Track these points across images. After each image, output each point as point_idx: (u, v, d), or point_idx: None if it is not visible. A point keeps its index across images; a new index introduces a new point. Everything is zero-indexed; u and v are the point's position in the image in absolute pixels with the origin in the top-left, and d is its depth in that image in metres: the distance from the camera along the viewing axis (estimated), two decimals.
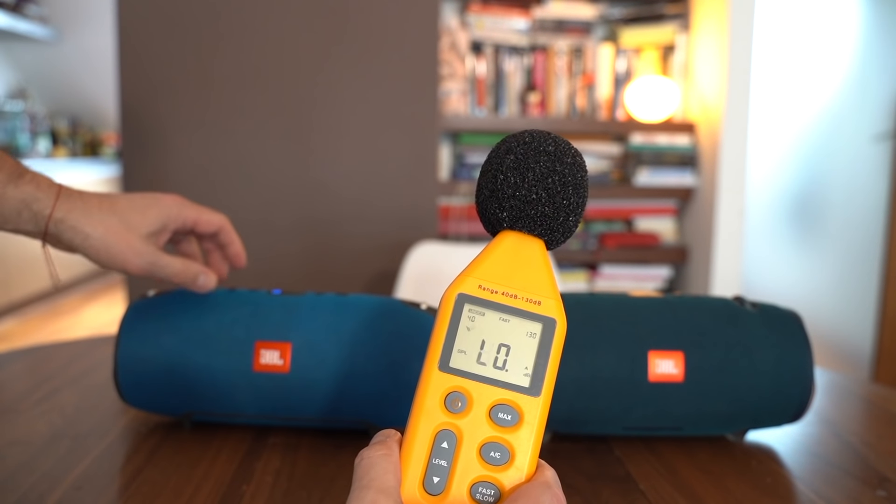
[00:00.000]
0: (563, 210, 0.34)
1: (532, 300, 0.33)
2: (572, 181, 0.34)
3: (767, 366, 0.57)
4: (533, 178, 0.34)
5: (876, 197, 2.31)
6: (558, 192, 0.34)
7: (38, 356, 0.82)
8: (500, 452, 0.31)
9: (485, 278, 0.33)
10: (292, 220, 1.81)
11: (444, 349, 0.32)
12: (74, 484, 0.51)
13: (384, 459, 0.30)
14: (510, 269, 0.34)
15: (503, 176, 0.34)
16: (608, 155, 2.31)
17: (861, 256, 2.38)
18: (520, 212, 0.34)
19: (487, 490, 0.31)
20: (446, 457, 0.31)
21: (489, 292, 0.33)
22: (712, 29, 2.19)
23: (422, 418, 0.32)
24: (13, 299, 3.36)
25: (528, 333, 0.33)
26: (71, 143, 4.27)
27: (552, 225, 0.34)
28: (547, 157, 0.34)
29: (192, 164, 1.76)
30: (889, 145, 2.26)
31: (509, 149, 0.35)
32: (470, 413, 0.32)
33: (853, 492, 0.52)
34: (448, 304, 0.33)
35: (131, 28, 1.71)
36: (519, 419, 0.32)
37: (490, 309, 0.33)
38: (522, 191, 0.34)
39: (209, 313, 0.58)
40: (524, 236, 0.35)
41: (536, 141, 0.35)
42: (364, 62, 1.78)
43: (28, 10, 4.05)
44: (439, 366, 0.32)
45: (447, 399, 0.32)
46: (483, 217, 0.36)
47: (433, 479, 0.31)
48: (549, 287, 0.34)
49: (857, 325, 2.40)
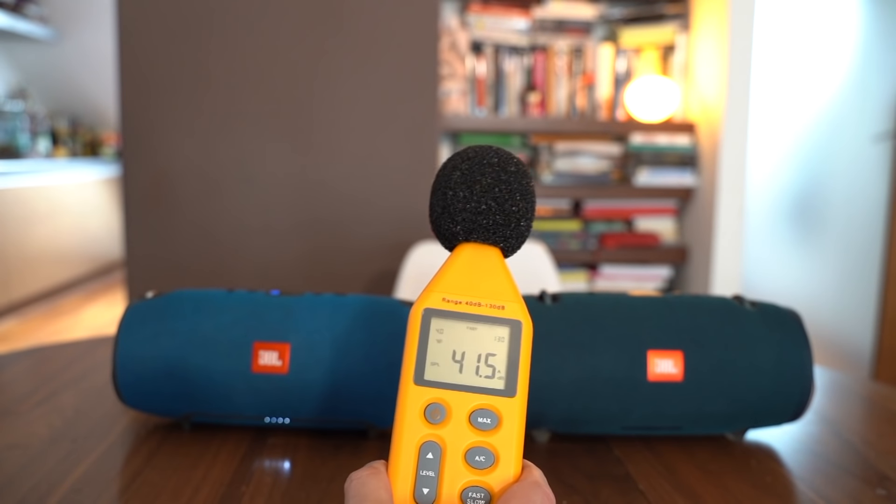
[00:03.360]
0: (513, 216, 0.36)
1: (496, 306, 0.34)
2: (518, 188, 0.36)
3: (767, 365, 0.57)
4: (480, 189, 0.35)
5: (876, 197, 2.31)
6: (506, 200, 0.35)
7: (38, 358, 0.82)
8: (485, 456, 0.32)
9: (447, 291, 0.34)
10: (292, 220, 1.81)
11: (418, 363, 0.33)
12: (74, 486, 0.51)
13: (374, 477, 0.31)
14: (471, 279, 0.35)
15: (452, 192, 0.35)
16: (608, 155, 2.31)
17: (861, 256, 2.38)
18: (472, 223, 0.35)
19: (477, 494, 0.32)
20: (433, 467, 0.32)
21: (453, 303, 0.34)
22: (712, 29, 2.19)
23: (404, 433, 0.32)
24: (13, 299, 3.36)
25: (497, 338, 0.34)
26: (71, 143, 4.27)
27: (505, 232, 0.36)
28: (491, 169, 0.36)
29: (192, 164, 1.76)
30: (889, 145, 2.26)
31: (455, 166, 0.36)
32: (450, 422, 0.33)
33: (853, 490, 0.52)
34: (415, 320, 0.34)
35: (131, 28, 1.71)
36: (499, 421, 0.33)
37: (456, 319, 0.34)
38: (472, 203, 0.35)
39: (208, 314, 0.58)
40: (480, 246, 0.36)
41: (480, 155, 0.36)
42: (364, 62, 1.78)
43: (28, 10, 4.05)
44: (415, 380, 0.33)
45: (426, 411, 0.33)
46: (439, 234, 0.37)
47: (423, 490, 0.32)
48: (511, 291, 0.35)
49: (857, 325, 2.40)
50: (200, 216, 1.75)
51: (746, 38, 2.11)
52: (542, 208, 2.35)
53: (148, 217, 1.76)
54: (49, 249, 3.65)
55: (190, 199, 1.75)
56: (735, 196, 2.17)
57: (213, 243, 1.77)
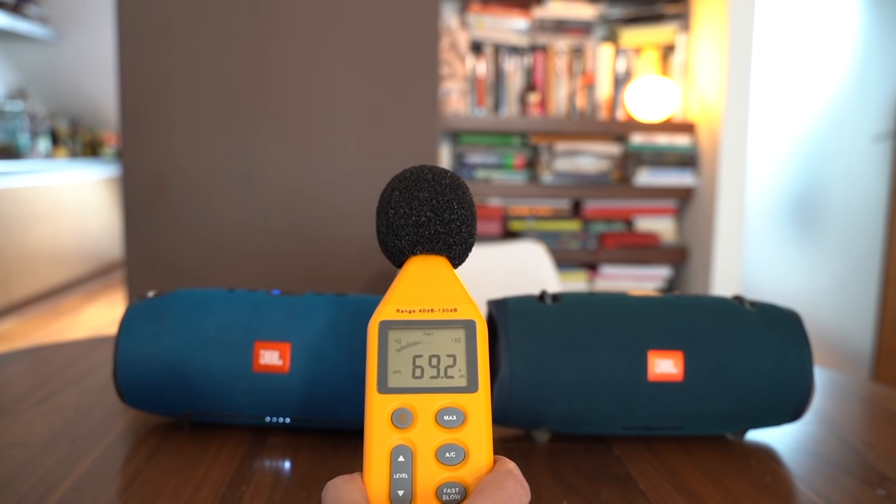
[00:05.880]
0: (452, 224, 0.38)
1: (448, 310, 0.36)
2: (455, 197, 0.38)
3: (767, 365, 0.57)
4: (419, 204, 0.37)
5: (876, 197, 2.31)
6: (444, 210, 0.38)
7: (38, 357, 0.82)
8: (455, 452, 0.33)
9: (400, 303, 0.36)
10: (292, 220, 1.81)
11: (380, 373, 0.34)
12: (74, 485, 0.51)
13: (349, 483, 0.32)
14: (421, 288, 0.36)
15: (393, 210, 0.38)
16: (608, 155, 2.31)
17: (861, 256, 2.38)
18: (415, 236, 0.38)
19: (452, 489, 0.33)
20: (406, 469, 0.33)
21: (407, 313, 0.36)
22: (712, 29, 2.19)
23: (374, 441, 0.33)
24: (13, 299, 3.36)
25: (454, 339, 0.35)
26: (71, 143, 4.27)
27: (447, 240, 0.38)
28: (427, 184, 0.38)
29: (192, 164, 1.76)
30: (889, 145, 2.26)
31: (394, 187, 0.39)
32: (418, 424, 0.33)
33: (853, 491, 0.52)
34: (373, 333, 0.35)
35: (131, 28, 1.71)
36: (465, 417, 0.34)
37: (412, 328, 0.35)
38: (413, 217, 0.37)
39: (208, 314, 0.58)
40: (427, 257, 0.38)
41: (415, 174, 0.39)
42: (363, 62, 1.78)
43: (28, 10, 4.05)
44: (378, 389, 0.34)
45: (394, 417, 0.34)
46: (387, 252, 0.39)
47: (398, 492, 0.32)
48: (461, 295, 0.36)
49: (857, 325, 2.40)
50: (201, 216, 1.75)
51: (746, 38, 2.11)
52: (542, 208, 2.35)
53: (148, 217, 1.76)
54: (49, 249, 3.65)
55: (190, 198, 1.75)
56: (735, 196, 2.17)
57: (213, 243, 1.77)
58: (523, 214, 2.34)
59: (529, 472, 0.54)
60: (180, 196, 1.76)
